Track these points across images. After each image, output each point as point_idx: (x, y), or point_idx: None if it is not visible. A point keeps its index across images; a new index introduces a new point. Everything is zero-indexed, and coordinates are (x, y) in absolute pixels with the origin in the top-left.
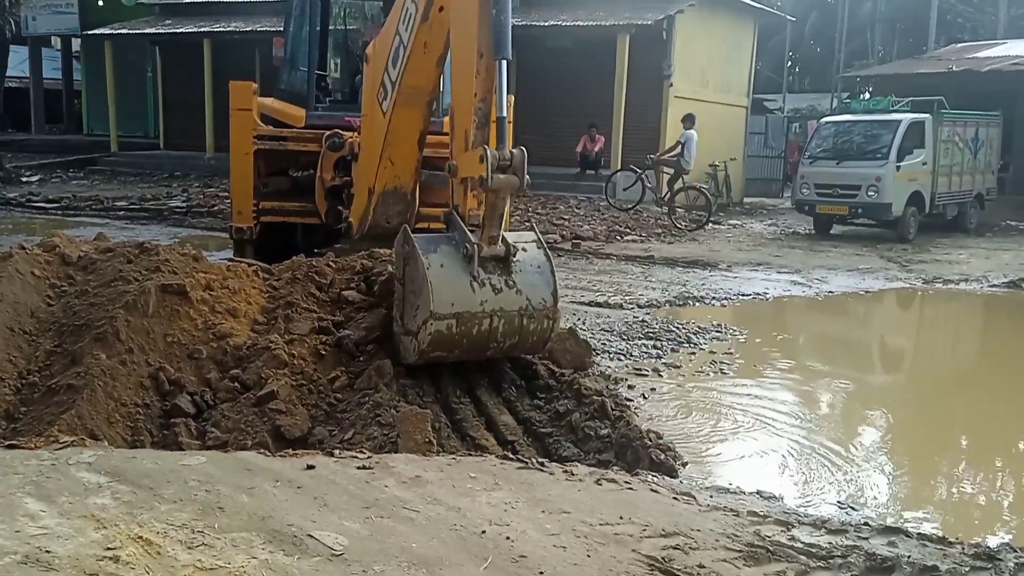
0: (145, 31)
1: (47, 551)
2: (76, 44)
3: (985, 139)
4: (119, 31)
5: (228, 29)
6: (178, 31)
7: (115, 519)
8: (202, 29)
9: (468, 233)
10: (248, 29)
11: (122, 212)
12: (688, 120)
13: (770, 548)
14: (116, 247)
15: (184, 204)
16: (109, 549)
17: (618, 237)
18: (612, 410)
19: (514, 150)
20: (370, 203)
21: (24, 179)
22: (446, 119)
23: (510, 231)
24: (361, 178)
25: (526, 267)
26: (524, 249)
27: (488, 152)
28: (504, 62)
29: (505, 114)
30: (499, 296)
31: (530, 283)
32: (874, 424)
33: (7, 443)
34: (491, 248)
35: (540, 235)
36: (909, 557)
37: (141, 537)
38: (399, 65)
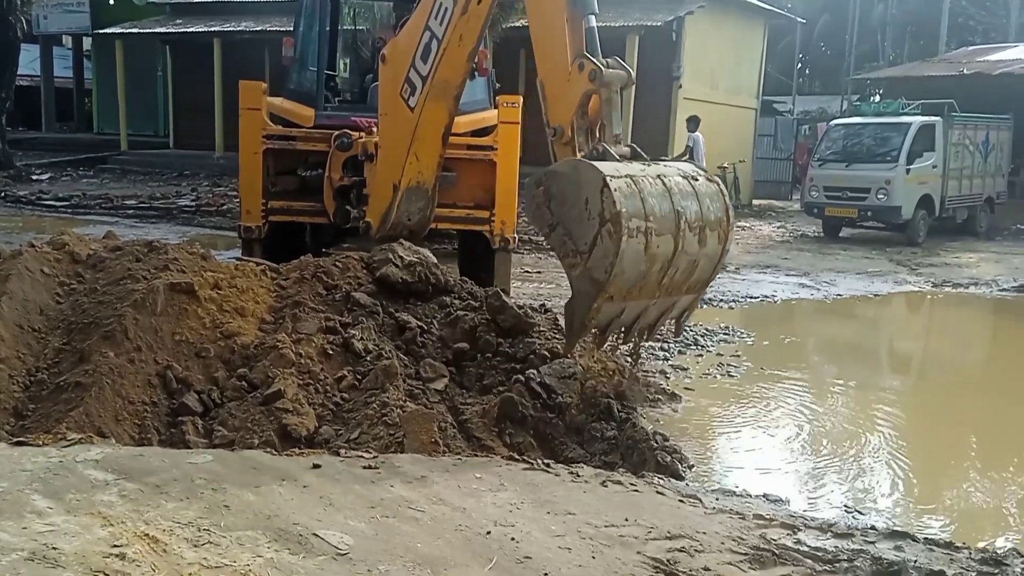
0: (156, 30)
1: (54, 548)
2: (87, 43)
3: (996, 142)
4: (130, 30)
5: (238, 29)
6: (189, 31)
7: (122, 517)
8: (212, 29)
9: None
10: (258, 29)
11: (131, 211)
12: (692, 123)
13: (776, 551)
14: (125, 245)
15: (193, 203)
16: (115, 546)
17: None
18: (618, 412)
19: (608, 59)
20: (395, 199)
21: (34, 177)
22: (455, 119)
23: None
24: (382, 175)
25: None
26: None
27: (586, 56)
28: (593, 16)
29: (594, 25)
30: (652, 167)
31: (671, 164)
32: (881, 428)
33: (15, 440)
34: (618, 148)
35: None
36: (916, 562)
37: (147, 535)
38: (432, 60)
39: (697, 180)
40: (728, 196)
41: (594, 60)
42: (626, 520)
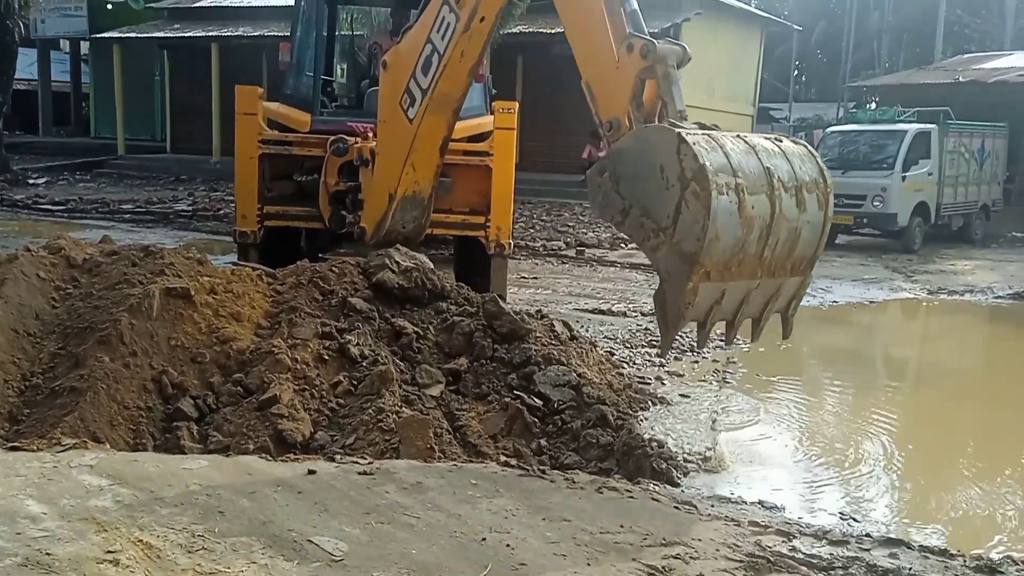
0: (153, 35)
1: (47, 553)
2: (84, 47)
3: (991, 150)
4: (127, 35)
5: (236, 34)
6: (186, 35)
7: (116, 522)
8: (210, 34)
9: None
10: (256, 34)
11: (128, 215)
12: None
13: (771, 559)
14: (121, 250)
15: (190, 208)
16: (109, 552)
17: (622, 245)
18: (614, 419)
19: (656, 40)
20: (390, 208)
21: (31, 181)
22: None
23: None
24: (379, 184)
25: None
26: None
27: (635, 34)
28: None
29: (635, 7)
30: (729, 133)
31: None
32: (877, 434)
33: (10, 445)
34: (686, 125)
35: None
36: (910, 569)
37: (141, 540)
38: (432, 73)
39: (782, 141)
40: (816, 155)
41: (643, 37)
42: (621, 527)
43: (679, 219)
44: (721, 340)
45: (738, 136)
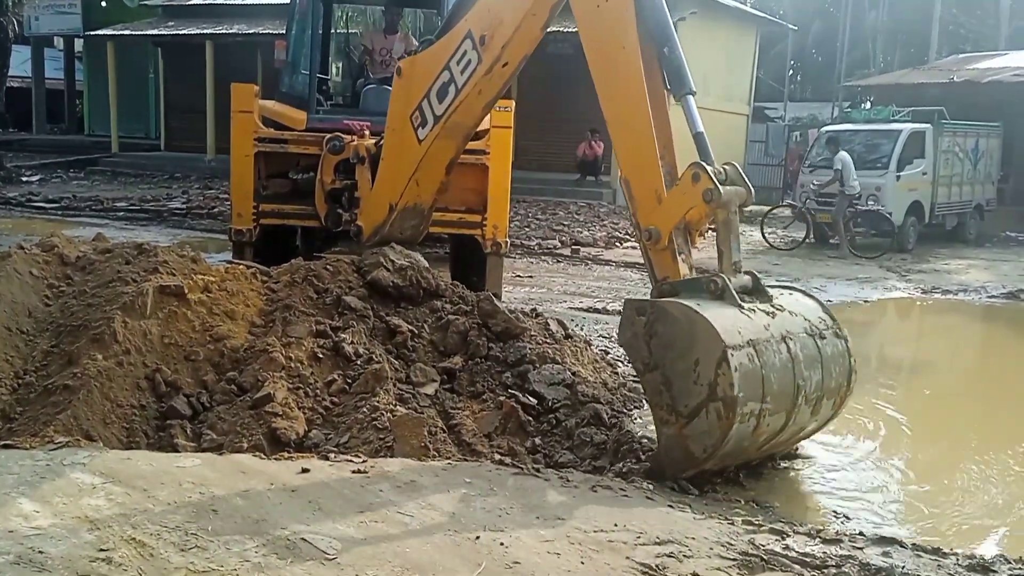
0: (148, 32)
1: (40, 551)
2: (79, 44)
3: (985, 150)
4: (122, 32)
5: (231, 31)
6: (181, 33)
7: (109, 520)
8: (205, 31)
9: (702, 277)
10: (251, 32)
11: (122, 213)
12: (832, 143)
13: (764, 557)
14: (115, 248)
15: (184, 206)
16: (102, 550)
17: (617, 243)
18: (608, 417)
19: (726, 165)
20: (389, 217)
21: (24, 179)
22: None
23: None
24: (380, 191)
25: (779, 294)
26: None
27: (703, 166)
28: (691, 97)
29: (702, 130)
30: (777, 319)
31: (797, 304)
32: (869, 433)
33: (2, 443)
34: (739, 278)
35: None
36: (903, 568)
37: (134, 539)
38: (448, 102)
39: (824, 338)
40: (853, 356)
41: (709, 173)
42: (615, 525)
43: (695, 419)
44: None
45: (784, 339)
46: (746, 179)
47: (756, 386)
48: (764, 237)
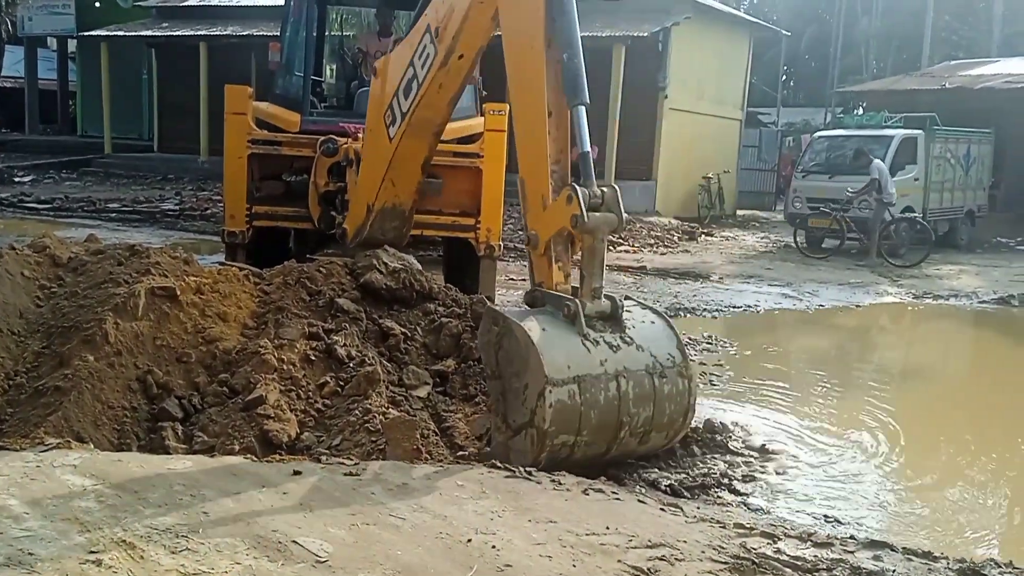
0: (141, 33)
1: (30, 553)
2: (72, 45)
3: (977, 156)
4: (115, 33)
5: (225, 33)
6: (174, 34)
7: (99, 522)
8: (199, 33)
9: (563, 296)
10: (245, 33)
11: (114, 214)
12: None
13: (756, 560)
14: (107, 249)
15: (177, 207)
16: (92, 553)
17: (610, 248)
18: None
19: (605, 187)
20: (368, 218)
21: (17, 179)
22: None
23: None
24: (360, 192)
25: (638, 323)
26: (628, 310)
27: (577, 189)
28: (582, 108)
29: (588, 149)
30: (618, 354)
31: (649, 337)
32: (862, 437)
33: None
34: (596, 304)
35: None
36: (894, 571)
37: (124, 541)
38: (411, 98)
39: (664, 377)
40: (694, 394)
41: (579, 198)
42: (607, 528)
43: (518, 436)
44: (708, 344)
45: (617, 377)
46: (621, 206)
47: (572, 421)
48: (796, 244)
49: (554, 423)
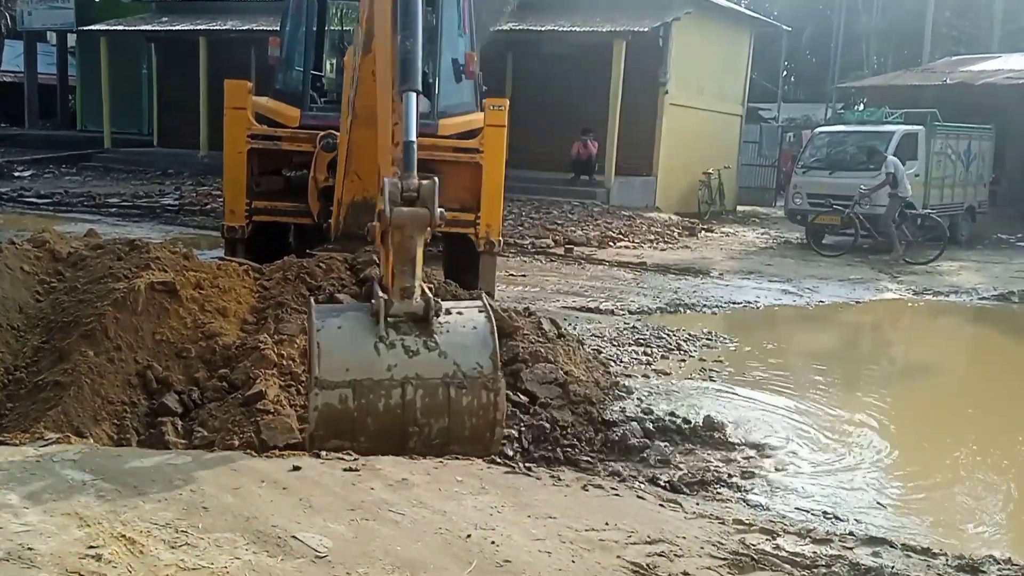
0: (141, 28)
1: (29, 548)
2: (71, 40)
3: (977, 152)
4: (115, 27)
5: (224, 28)
6: (174, 29)
7: (98, 517)
8: (198, 27)
9: (379, 289)
10: (245, 28)
11: (114, 209)
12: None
13: (755, 556)
14: (107, 244)
15: (176, 202)
16: (92, 547)
17: (611, 243)
18: (597, 416)
19: (424, 180)
20: (339, 212)
21: (16, 174)
22: (441, 121)
23: (458, 302)
24: (336, 187)
25: (456, 327)
26: (460, 312)
27: (387, 181)
28: (412, 94)
29: (413, 139)
30: (413, 360)
31: (459, 344)
32: (861, 433)
33: None
34: (404, 303)
35: (489, 303)
36: (893, 568)
37: (124, 536)
38: (353, 88)
39: (464, 388)
40: (501, 409)
41: (386, 191)
42: (606, 524)
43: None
44: (708, 340)
45: (404, 384)
46: (436, 202)
47: (344, 426)
48: (810, 242)
49: (320, 427)
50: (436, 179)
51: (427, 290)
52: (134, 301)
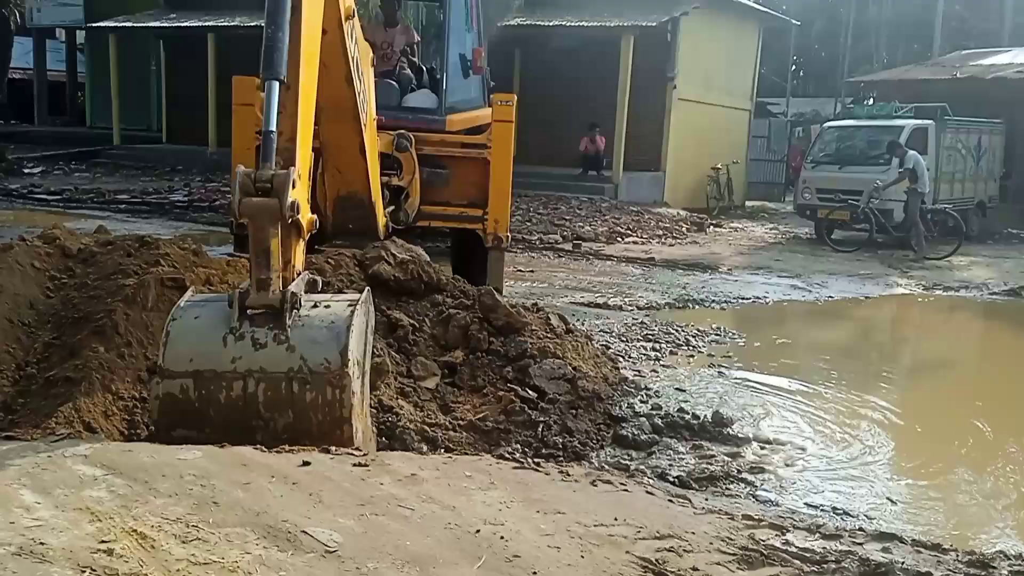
0: (150, 24)
1: (41, 543)
2: (80, 36)
3: (988, 146)
4: (124, 24)
5: (233, 24)
6: (183, 25)
7: (110, 512)
8: (207, 24)
9: (237, 285)
10: (253, 24)
11: (123, 205)
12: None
13: (764, 552)
14: (116, 240)
15: (186, 198)
16: (103, 542)
17: (619, 239)
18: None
19: (280, 170)
20: (325, 208)
21: (26, 171)
22: (449, 117)
23: (335, 295)
24: (317, 183)
25: (313, 321)
26: (327, 305)
27: (240, 171)
28: (274, 83)
29: (273, 128)
30: (259, 353)
31: (310, 339)
32: (870, 429)
33: (4, 434)
34: (260, 296)
35: (371, 298)
36: (903, 563)
37: (135, 530)
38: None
39: (308, 383)
40: (348, 406)
41: (238, 179)
42: (615, 519)
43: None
44: (716, 335)
45: (250, 376)
46: (287, 193)
47: (188, 416)
48: (824, 238)
49: (163, 415)
50: (291, 170)
51: (288, 285)
52: (144, 297)
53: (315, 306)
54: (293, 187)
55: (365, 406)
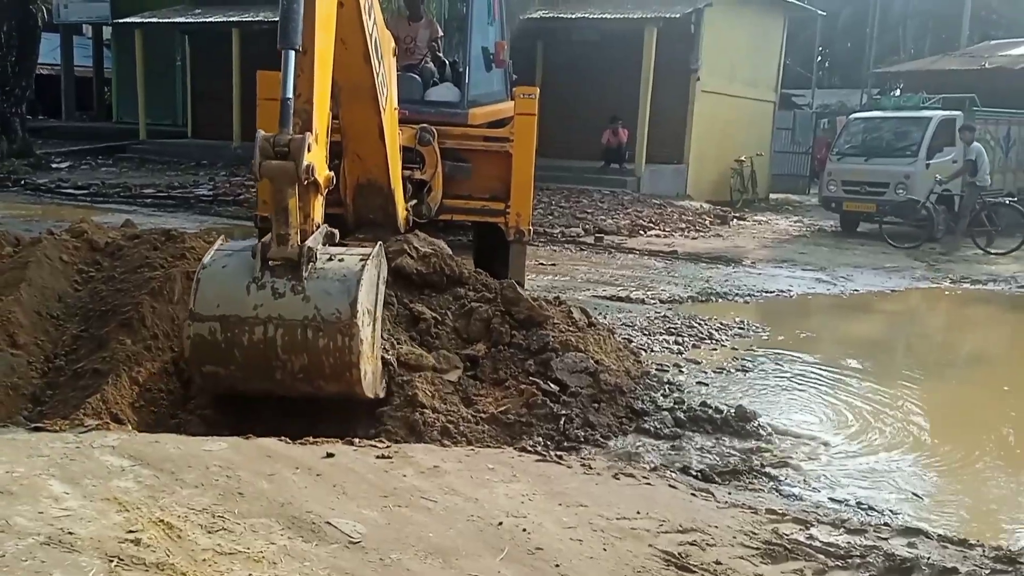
0: (175, 20)
1: (70, 533)
2: (107, 32)
3: (1017, 138)
4: (149, 20)
5: (257, 19)
6: (207, 21)
7: (137, 502)
8: (231, 19)
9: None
10: (276, 19)
11: (149, 200)
12: (967, 131)
13: (788, 546)
14: (143, 234)
15: (210, 192)
16: (131, 532)
17: (641, 232)
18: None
19: (297, 135)
20: (346, 197)
21: (54, 165)
22: (472, 111)
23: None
24: (340, 171)
25: (328, 275)
26: (341, 259)
27: (260, 135)
28: (291, 52)
29: (289, 95)
30: (279, 301)
31: (324, 290)
32: (896, 422)
33: (33, 425)
34: (280, 249)
35: (382, 251)
36: (929, 558)
37: (162, 520)
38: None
39: (321, 331)
40: (356, 352)
41: (258, 144)
42: (638, 513)
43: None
44: (740, 329)
45: (269, 323)
46: (303, 156)
47: (217, 356)
48: (884, 236)
49: (196, 355)
50: (307, 135)
51: (306, 240)
52: (170, 290)
53: (330, 259)
54: (309, 150)
55: (377, 349)
